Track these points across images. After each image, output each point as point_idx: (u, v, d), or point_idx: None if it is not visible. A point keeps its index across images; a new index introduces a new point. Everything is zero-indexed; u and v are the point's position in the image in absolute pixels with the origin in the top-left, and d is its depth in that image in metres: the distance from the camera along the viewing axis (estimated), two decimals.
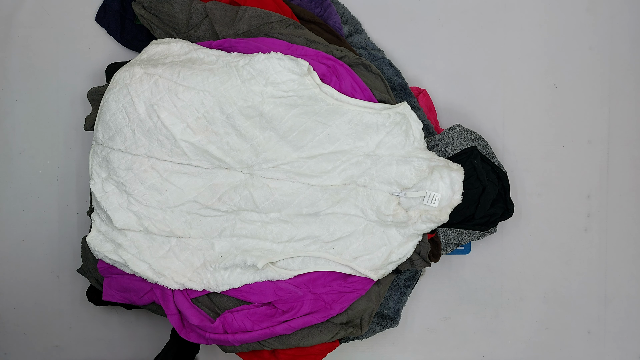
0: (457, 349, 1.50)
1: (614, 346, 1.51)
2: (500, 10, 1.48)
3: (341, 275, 1.29)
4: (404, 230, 1.28)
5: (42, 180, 1.47)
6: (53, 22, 1.46)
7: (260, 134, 1.28)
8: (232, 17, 1.32)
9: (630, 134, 1.49)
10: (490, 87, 1.48)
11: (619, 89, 1.49)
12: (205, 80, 1.25)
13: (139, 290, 1.29)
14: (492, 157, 1.35)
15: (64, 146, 1.47)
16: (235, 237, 1.30)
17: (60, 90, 1.46)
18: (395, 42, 1.47)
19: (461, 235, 1.34)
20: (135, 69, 1.27)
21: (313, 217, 1.29)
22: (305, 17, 1.36)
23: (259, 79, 1.25)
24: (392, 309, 1.38)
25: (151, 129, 1.26)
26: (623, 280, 1.50)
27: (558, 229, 1.49)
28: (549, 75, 1.49)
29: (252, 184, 1.29)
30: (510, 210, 1.34)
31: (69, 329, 1.48)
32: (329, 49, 1.30)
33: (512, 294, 1.50)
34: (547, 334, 1.50)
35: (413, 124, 1.27)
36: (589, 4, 1.49)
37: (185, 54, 1.29)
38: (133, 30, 1.43)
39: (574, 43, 1.49)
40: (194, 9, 1.32)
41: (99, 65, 1.45)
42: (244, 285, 1.27)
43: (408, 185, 1.27)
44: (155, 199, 1.28)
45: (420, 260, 1.30)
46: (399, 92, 1.38)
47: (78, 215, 1.47)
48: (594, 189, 1.49)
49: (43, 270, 1.47)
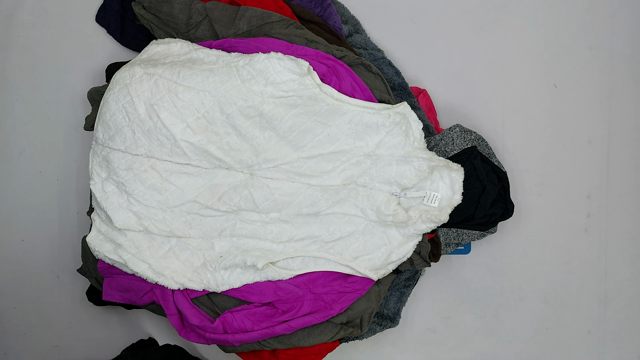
0: (457, 349, 1.50)
1: (614, 346, 1.51)
2: (500, 10, 1.48)
3: (341, 275, 1.29)
4: (404, 230, 1.28)
5: (42, 180, 1.47)
6: (53, 22, 1.46)
7: (260, 134, 1.28)
8: (232, 17, 1.32)
9: (630, 134, 1.49)
10: (490, 87, 1.48)
11: (619, 89, 1.49)
12: (205, 80, 1.25)
13: (139, 290, 1.29)
14: (492, 157, 1.35)
15: (64, 146, 1.47)
16: (235, 237, 1.29)
17: (60, 90, 1.46)
18: (395, 42, 1.47)
19: (461, 235, 1.34)
20: (135, 69, 1.27)
21: (313, 217, 1.29)
22: (305, 17, 1.36)
23: (259, 79, 1.25)
24: (392, 309, 1.38)
25: (151, 129, 1.26)
26: (623, 280, 1.50)
27: (558, 229, 1.49)
28: (549, 75, 1.48)
29: (252, 184, 1.29)
30: (510, 210, 1.34)
31: (69, 329, 1.48)
32: (329, 49, 1.30)
33: (512, 294, 1.49)
34: (547, 334, 1.50)
35: (413, 124, 1.27)
36: (589, 4, 1.48)
37: (185, 54, 1.29)
38: (133, 30, 1.43)
39: (574, 43, 1.49)
40: (194, 9, 1.32)
41: (99, 65, 1.45)
42: (244, 285, 1.27)
43: (408, 185, 1.27)
44: (155, 199, 1.28)
45: (420, 260, 1.30)
46: (399, 92, 1.38)
47: (78, 215, 1.47)
48: (594, 189, 1.49)
49: (43, 270, 1.47)
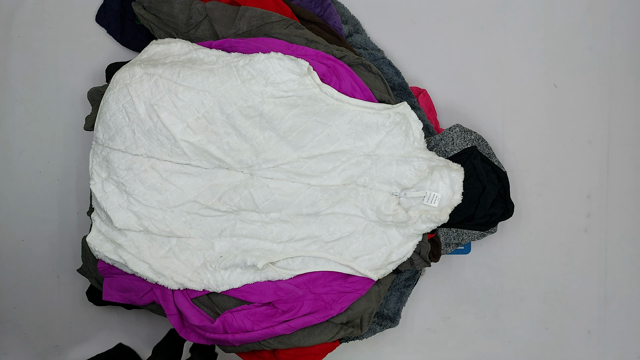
0: (457, 349, 1.50)
1: (614, 346, 1.51)
2: (500, 10, 1.48)
3: (341, 275, 1.29)
4: (404, 230, 1.28)
5: (42, 180, 1.47)
6: (53, 22, 1.46)
7: (260, 134, 1.28)
8: (232, 17, 1.31)
9: (630, 134, 1.49)
10: (490, 87, 1.48)
11: (619, 89, 1.49)
12: (205, 80, 1.25)
13: (139, 290, 1.29)
14: (492, 157, 1.35)
15: (64, 146, 1.47)
16: (235, 237, 1.29)
17: (60, 90, 1.46)
18: (395, 42, 1.47)
19: (461, 235, 1.34)
20: (135, 69, 1.26)
21: (313, 217, 1.29)
22: (305, 17, 1.36)
23: (259, 79, 1.25)
24: (392, 309, 1.38)
25: (151, 129, 1.26)
26: (623, 280, 1.50)
27: (558, 229, 1.49)
28: (549, 75, 1.49)
29: (252, 184, 1.29)
30: (510, 210, 1.34)
31: (69, 329, 1.48)
32: (329, 49, 1.30)
33: (512, 294, 1.50)
34: (547, 334, 1.50)
35: (413, 124, 1.27)
36: (589, 4, 1.48)
37: (185, 54, 1.29)
38: (133, 30, 1.43)
39: (574, 43, 1.49)
40: (194, 9, 1.32)
41: (99, 65, 1.45)
42: (244, 285, 1.27)
43: (408, 185, 1.27)
44: (155, 199, 1.28)
45: (420, 260, 1.30)
46: (399, 92, 1.38)
47: (78, 215, 1.47)
48: (594, 189, 1.49)
49: (43, 270, 1.47)
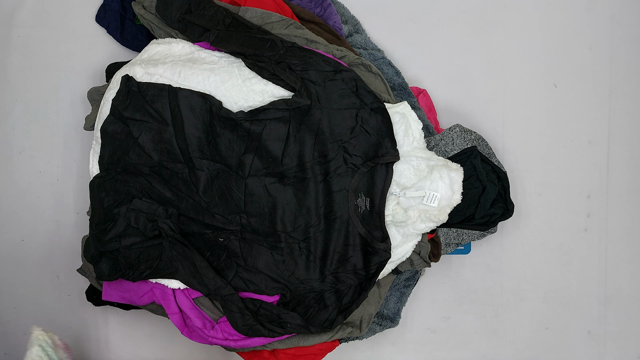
0: (457, 349, 1.50)
1: (614, 346, 1.51)
2: (500, 10, 1.48)
3: None
4: (403, 230, 1.27)
5: (42, 180, 1.47)
6: (53, 22, 1.46)
7: None
8: None
9: (630, 134, 1.49)
10: (490, 87, 1.48)
11: (619, 89, 1.49)
12: (206, 79, 1.25)
13: (138, 290, 1.29)
14: (492, 157, 1.35)
15: (64, 146, 1.47)
16: None
17: (60, 90, 1.46)
18: (395, 42, 1.47)
19: (461, 235, 1.34)
20: (136, 68, 1.26)
21: None
22: (305, 17, 1.36)
23: (260, 78, 1.25)
24: (392, 309, 1.38)
25: None
26: (623, 280, 1.50)
27: (558, 229, 1.49)
28: (549, 75, 1.48)
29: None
30: (510, 210, 1.34)
31: (69, 329, 1.48)
32: (329, 49, 1.30)
33: (512, 294, 1.49)
34: (547, 334, 1.50)
35: (413, 123, 1.27)
36: (589, 4, 1.48)
37: (187, 54, 1.29)
38: (133, 30, 1.43)
39: (574, 43, 1.49)
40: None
41: (99, 65, 1.45)
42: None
43: (407, 184, 1.27)
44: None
45: (420, 260, 1.30)
46: (399, 92, 1.38)
47: (77, 215, 1.47)
48: (594, 189, 1.49)
49: (43, 270, 1.47)
